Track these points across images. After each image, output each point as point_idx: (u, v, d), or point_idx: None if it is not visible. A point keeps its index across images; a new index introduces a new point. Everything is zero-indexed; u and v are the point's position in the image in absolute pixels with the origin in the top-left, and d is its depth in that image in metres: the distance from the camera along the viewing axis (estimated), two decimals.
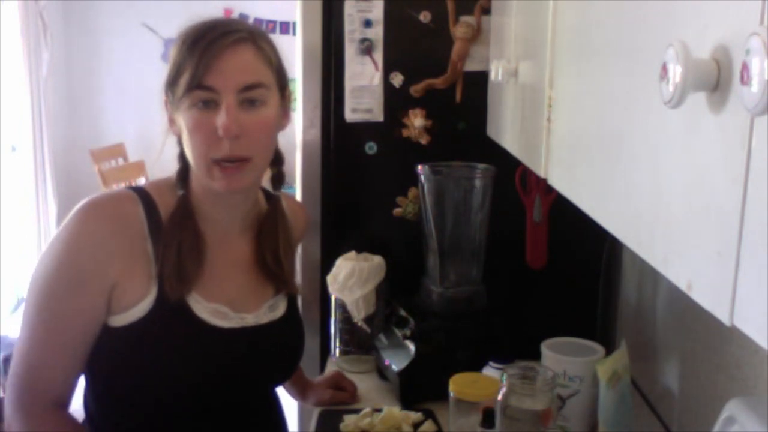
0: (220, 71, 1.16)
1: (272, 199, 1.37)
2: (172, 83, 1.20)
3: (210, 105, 1.17)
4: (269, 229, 1.34)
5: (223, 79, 1.16)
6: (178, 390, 1.23)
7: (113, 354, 1.21)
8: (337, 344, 1.85)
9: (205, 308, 1.24)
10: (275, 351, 1.34)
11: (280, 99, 1.26)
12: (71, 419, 1.24)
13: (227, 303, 1.26)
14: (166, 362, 1.21)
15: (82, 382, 1.27)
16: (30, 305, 1.20)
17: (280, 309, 1.35)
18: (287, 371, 1.41)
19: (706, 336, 1.31)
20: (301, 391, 1.66)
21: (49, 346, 1.19)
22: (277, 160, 1.33)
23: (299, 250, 1.95)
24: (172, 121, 1.25)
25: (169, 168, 1.30)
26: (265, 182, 1.38)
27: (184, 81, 1.17)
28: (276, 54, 1.25)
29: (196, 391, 1.24)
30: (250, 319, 1.29)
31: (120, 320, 1.19)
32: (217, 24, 1.21)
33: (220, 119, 1.16)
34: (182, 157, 1.27)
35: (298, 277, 1.87)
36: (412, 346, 1.67)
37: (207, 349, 1.24)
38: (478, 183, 1.77)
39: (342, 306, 1.80)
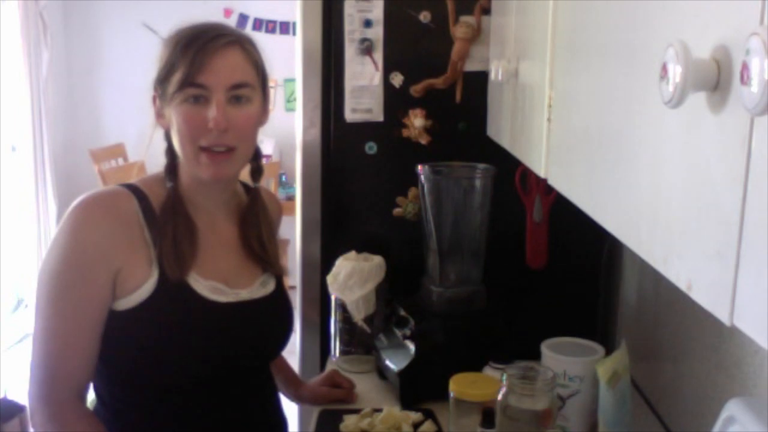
0: (212, 70, 1.27)
1: (252, 191, 1.47)
2: (163, 80, 1.30)
3: (200, 100, 1.28)
4: (252, 218, 1.44)
5: (215, 78, 1.27)
6: (183, 364, 1.30)
7: (121, 336, 1.28)
8: (337, 344, 1.85)
9: (204, 286, 1.32)
10: (270, 323, 1.43)
11: (262, 97, 1.36)
12: (89, 412, 1.31)
13: (222, 280, 1.35)
14: (171, 338, 1.29)
15: None
16: (42, 298, 1.27)
17: (270, 286, 1.44)
18: (281, 342, 1.48)
19: (706, 336, 1.31)
20: (295, 392, 1.67)
21: (65, 334, 1.26)
22: (255, 156, 1.43)
23: (299, 249, 1.96)
24: (159, 116, 1.35)
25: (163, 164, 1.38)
26: (245, 177, 1.47)
27: (177, 78, 1.27)
28: (260, 57, 1.36)
29: (200, 364, 1.32)
30: (245, 294, 1.38)
31: (125, 303, 1.27)
32: (208, 28, 1.32)
33: (211, 113, 1.27)
34: (170, 151, 1.36)
35: (297, 273, 1.98)
36: (412, 346, 1.67)
37: (208, 323, 1.33)
38: (478, 183, 1.76)
39: (342, 306, 1.80)
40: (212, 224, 1.39)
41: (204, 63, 1.26)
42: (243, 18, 5.56)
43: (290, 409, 1.65)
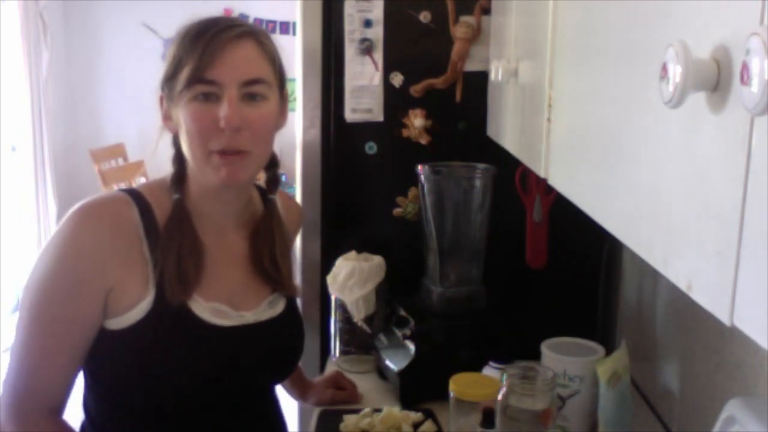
0: (223, 64, 1.16)
1: (268, 202, 1.36)
2: (170, 78, 1.20)
3: (211, 98, 1.17)
4: (265, 232, 1.33)
5: (226, 73, 1.16)
6: (180, 390, 1.22)
7: (113, 357, 1.20)
8: (337, 344, 1.85)
9: (205, 308, 1.23)
10: (276, 348, 1.33)
11: (279, 97, 1.26)
12: (67, 427, 1.23)
13: (226, 301, 1.26)
14: (167, 363, 1.20)
15: (80, 384, 1.25)
16: (26, 310, 1.18)
17: (279, 306, 1.34)
18: (288, 368, 1.41)
19: (706, 336, 1.31)
20: (301, 392, 1.65)
21: (45, 350, 1.18)
22: (272, 164, 1.33)
23: (298, 249, 1.95)
24: (167, 118, 1.24)
25: (168, 167, 1.29)
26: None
27: (185, 75, 1.16)
28: (277, 52, 1.25)
29: (197, 391, 1.23)
30: (250, 316, 1.28)
31: (118, 323, 1.18)
32: (218, 20, 1.21)
33: (223, 111, 1.15)
34: (177, 159, 1.26)
35: (298, 279, 1.86)
36: (412, 346, 1.67)
37: (208, 349, 1.23)
38: (478, 183, 1.76)
39: (342, 306, 1.80)
40: (220, 237, 1.28)
41: (214, 56, 1.15)
42: (243, 18, 5.56)
43: (290, 409, 1.65)
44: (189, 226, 1.23)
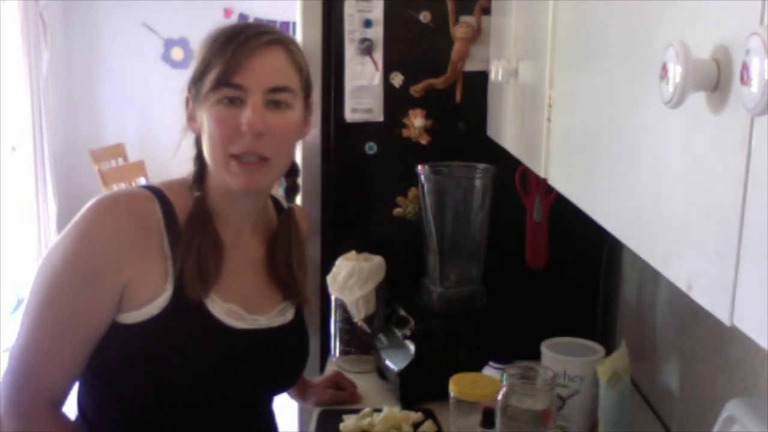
0: (250, 70, 1.17)
1: (285, 211, 1.37)
2: (197, 79, 1.21)
3: (236, 102, 1.18)
4: (283, 241, 1.34)
5: (253, 78, 1.17)
6: (183, 390, 1.21)
7: (122, 351, 1.19)
8: (337, 344, 1.85)
9: (221, 308, 1.23)
10: (284, 355, 1.33)
11: (304, 107, 1.26)
12: (67, 420, 1.22)
13: (241, 303, 1.26)
14: (177, 359, 1.19)
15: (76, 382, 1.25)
16: (34, 300, 1.17)
17: (290, 314, 1.34)
18: (293, 376, 1.40)
19: (706, 336, 1.31)
20: (301, 392, 1.65)
21: (51, 344, 1.17)
22: (292, 171, 1.34)
23: None
24: (191, 119, 1.25)
25: (174, 171, 1.30)
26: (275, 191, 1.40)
27: (212, 77, 1.17)
28: (305, 61, 1.26)
29: (200, 393, 1.22)
30: (263, 321, 1.28)
31: (132, 317, 1.17)
32: (250, 25, 1.23)
33: (246, 116, 1.16)
34: (199, 158, 1.26)
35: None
36: (412, 346, 1.67)
37: (220, 349, 1.23)
38: (478, 183, 1.77)
39: (342, 306, 1.80)
40: (237, 240, 1.28)
41: (242, 62, 1.16)
42: (243, 18, 5.56)
43: (290, 409, 1.65)
44: (210, 224, 1.24)
